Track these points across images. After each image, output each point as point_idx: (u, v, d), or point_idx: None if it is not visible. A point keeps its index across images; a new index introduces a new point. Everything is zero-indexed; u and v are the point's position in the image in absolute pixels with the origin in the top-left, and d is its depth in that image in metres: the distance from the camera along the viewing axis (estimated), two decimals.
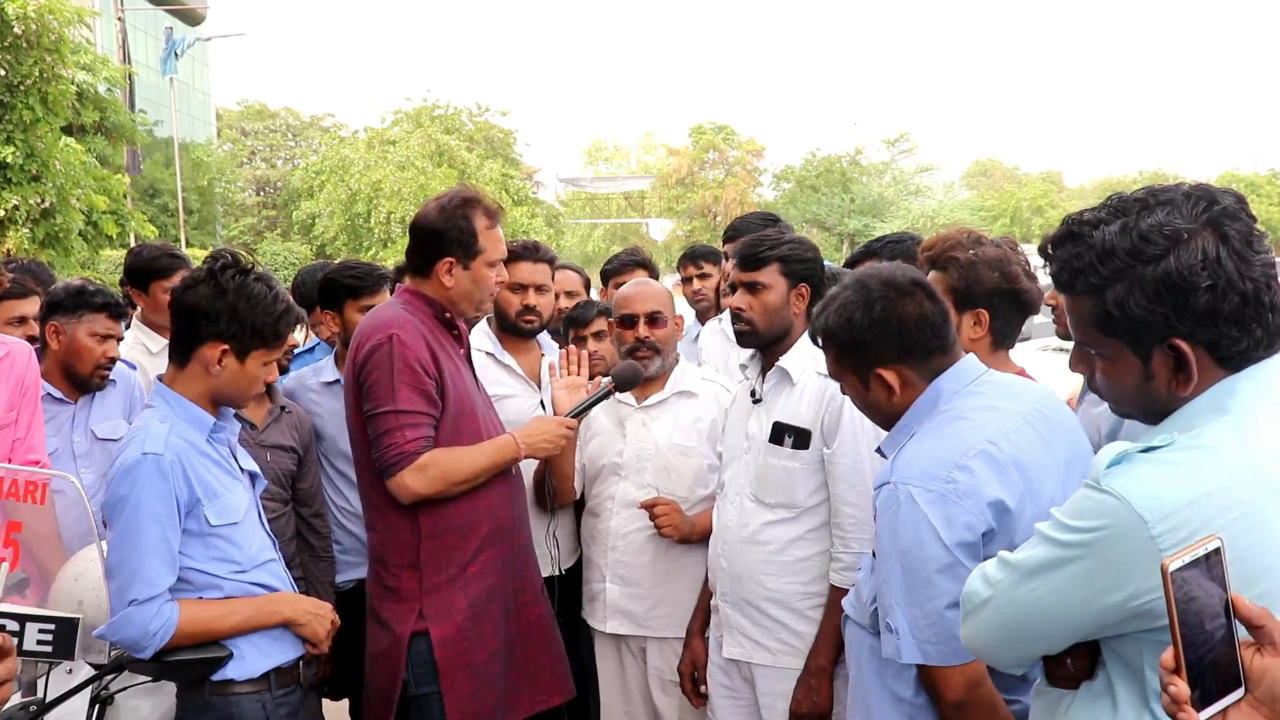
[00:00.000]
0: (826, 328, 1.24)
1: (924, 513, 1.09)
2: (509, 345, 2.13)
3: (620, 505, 1.93)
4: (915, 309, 1.20)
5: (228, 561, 1.42)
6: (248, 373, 1.45)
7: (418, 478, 1.57)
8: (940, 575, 1.08)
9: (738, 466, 1.71)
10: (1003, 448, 1.11)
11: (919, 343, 1.19)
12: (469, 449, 1.63)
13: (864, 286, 1.22)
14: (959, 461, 1.10)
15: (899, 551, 1.11)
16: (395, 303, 1.68)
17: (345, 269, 2.17)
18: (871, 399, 1.24)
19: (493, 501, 1.67)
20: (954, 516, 1.08)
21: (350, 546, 2.13)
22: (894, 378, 1.20)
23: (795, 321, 1.67)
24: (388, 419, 1.56)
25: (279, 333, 1.45)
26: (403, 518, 1.62)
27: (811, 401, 1.60)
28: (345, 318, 2.14)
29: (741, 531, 1.66)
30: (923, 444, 1.15)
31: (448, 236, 1.65)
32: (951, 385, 1.19)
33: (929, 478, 1.09)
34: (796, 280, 1.66)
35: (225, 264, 1.43)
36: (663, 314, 1.94)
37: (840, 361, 1.25)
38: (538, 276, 2.10)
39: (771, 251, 1.67)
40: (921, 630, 1.10)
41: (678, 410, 1.95)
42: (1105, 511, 0.78)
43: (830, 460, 1.57)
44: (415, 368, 1.57)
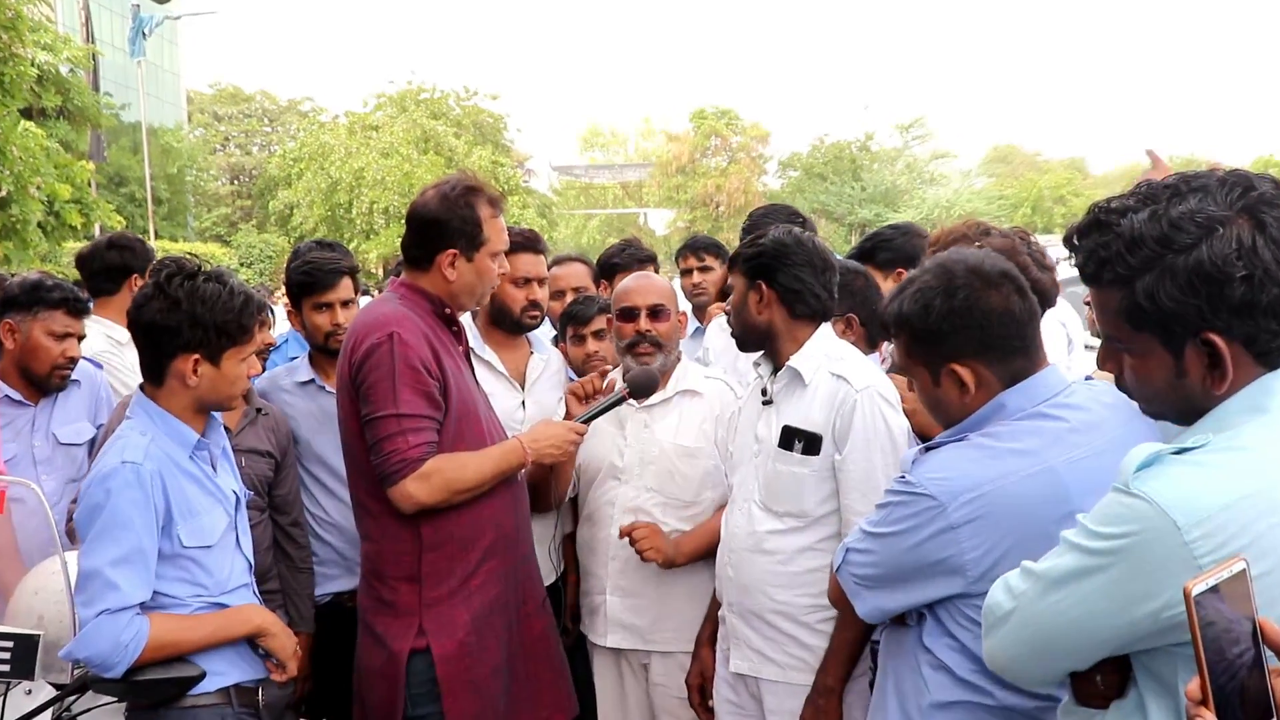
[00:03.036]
0: (900, 313, 1.21)
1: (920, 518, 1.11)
2: (494, 341, 2.13)
3: (621, 512, 1.93)
4: (1001, 302, 1.16)
5: (194, 585, 1.42)
6: (226, 375, 1.46)
7: (421, 486, 1.56)
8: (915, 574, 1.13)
9: (746, 470, 1.72)
10: (1008, 496, 1.08)
11: (1001, 339, 1.16)
12: (474, 455, 1.63)
13: (946, 272, 1.19)
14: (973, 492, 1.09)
15: (886, 535, 1.16)
16: (392, 298, 1.68)
17: (301, 263, 2.15)
18: (941, 397, 1.20)
19: (496, 509, 1.67)
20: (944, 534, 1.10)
21: (327, 558, 2.12)
22: (969, 375, 1.17)
23: (769, 321, 1.65)
24: (388, 423, 1.56)
25: (244, 326, 1.46)
26: (402, 527, 1.61)
27: (823, 404, 1.59)
28: (305, 315, 2.13)
29: (749, 539, 1.66)
30: (961, 452, 1.14)
31: (450, 226, 1.64)
32: (1018, 401, 1.15)
33: (948, 493, 1.10)
34: (752, 277, 1.66)
35: (170, 273, 1.43)
36: (665, 307, 1.95)
37: (911, 352, 1.22)
38: (540, 269, 2.11)
39: (739, 253, 1.70)
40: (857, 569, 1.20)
41: (681, 410, 1.95)
42: (1135, 516, 0.77)
43: (841, 467, 1.57)
44: (417, 368, 1.57)
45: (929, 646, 1.18)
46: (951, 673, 1.14)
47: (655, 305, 1.93)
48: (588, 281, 2.63)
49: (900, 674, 1.22)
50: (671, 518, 1.90)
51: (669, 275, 2.84)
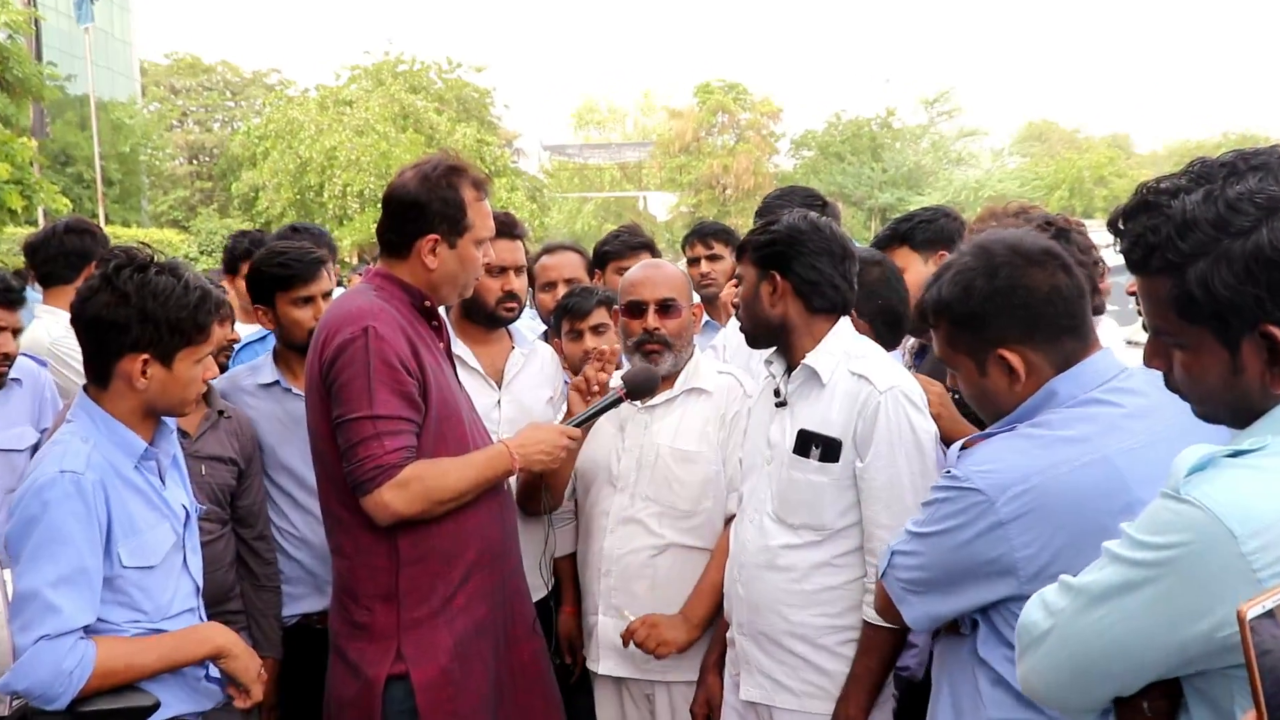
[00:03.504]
0: (939, 299, 1.22)
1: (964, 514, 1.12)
2: (468, 335, 2.13)
3: (615, 522, 1.94)
4: (1046, 279, 1.17)
5: (131, 609, 1.41)
6: (179, 377, 1.45)
7: (399, 495, 1.56)
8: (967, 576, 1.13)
9: (757, 479, 1.72)
10: (1060, 487, 1.09)
11: (1048, 319, 1.17)
12: (456, 461, 1.63)
13: (986, 251, 1.20)
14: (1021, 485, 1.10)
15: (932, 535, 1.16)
16: (366, 289, 1.68)
17: (272, 254, 2.14)
18: (989, 387, 1.21)
19: (481, 520, 1.68)
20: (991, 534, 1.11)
21: (294, 576, 2.12)
22: (1018, 360, 1.17)
23: (782, 315, 1.66)
24: (363, 426, 1.55)
25: (200, 324, 1.45)
26: (378, 541, 1.61)
27: (843, 406, 1.59)
28: (279, 313, 2.12)
29: (760, 555, 1.66)
30: (1009, 443, 1.14)
31: (431, 210, 1.64)
32: (1069, 388, 1.16)
33: (995, 486, 1.10)
34: (763, 267, 1.65)
35: (119, 264, 1.41)
36: (677, 302, 1.94)
37: (953, 340, 1.22)
38: (517, 257, 2.10)
39: (746, 240, 1.69)
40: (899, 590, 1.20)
41: (685, 411, 1.95)
42: (1187, 524, 0.77)
43: (863, 475, 1.56)
44: (394, 365, 1.57)
45: (985, 658, 1.18)
46: (1010, 688, 1.14)
47: (665, 300, 1.93)
48: (581, 272, 2.62)
49: (956, 687, 1.23)
50: (669, 529, 1.91)
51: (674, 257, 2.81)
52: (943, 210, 2.25)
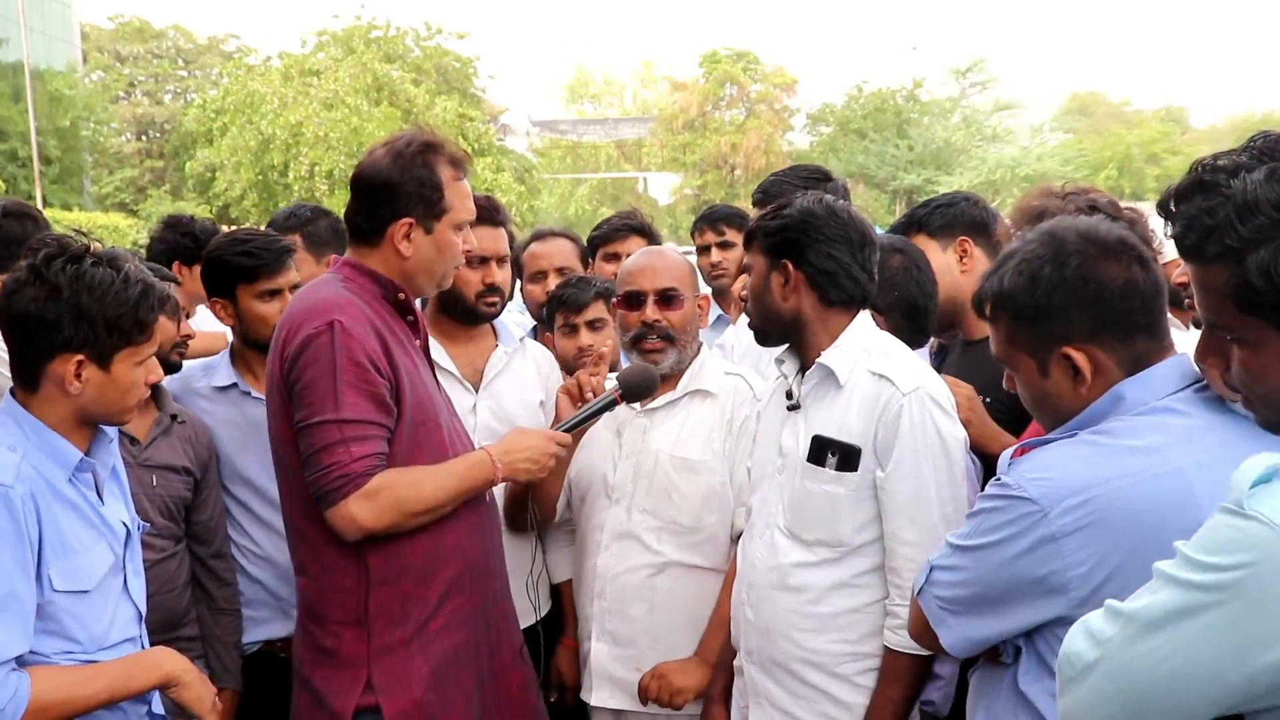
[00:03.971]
0: (1000, 290, 1.21)
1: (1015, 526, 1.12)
2: (445, 332, 2.13)
3: (610, 538, 1.94)
4: (1121, 273, 1.17)
5: (63, 639, 1.40)
6: (118, 381, 1.44)
7: (367, 507, 1.56)
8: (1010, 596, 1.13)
9: (768, 490, 1.72)
10: (1124, 501, 1.09)
11: (1121, 317, 1.17)
12: (431, 469, 1.63)
13: (1055, 239, 1.20)
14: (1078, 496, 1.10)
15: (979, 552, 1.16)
16: (333, 280, 1.68)
17: (234, 242, 2.13)
18: (1051, 389, 1.21)
19: (461, 535, 1.68)
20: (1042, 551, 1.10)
21: (254, 598, 2.13)
22: (1084, 361, 1.17)
23: (796, 309, 1.66)
24: (327, 431, 1.56)
25: (142, 321, 1.44)
26: (345, 558, 1.62)
27: (862, 410, 1.59)
28: (241, 307, 2.12)
29: (771, 574, 1.66)
30: (1069, 449, 1.14)
31: (404, 191, 1.64)
32: (1139, 393, 1.16)
33: (1050, 496, 1.10)
34: (774, 256, 1.65)
35: (50, 254, 1.40)
36: (679, 292, 1.94)
37: (1014, 337, 1.22)
38: (500, 245, 2.10)
39: (756, 225, 1.69)
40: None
41: (688, 415, 1.96)
42: (1252, 542, 0.77)
43: (884, 486, 1.57)
44: (363, 364, 1.57)
45: (1025, 692, 1.18)
46: None
47: (666, 289, 1.92)
48: (574, 261, 2.61)
49: None
50: (669, 546, 1.91)
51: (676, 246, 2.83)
52: (962, 194, 2.26)
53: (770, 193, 2.33)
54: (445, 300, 2.10)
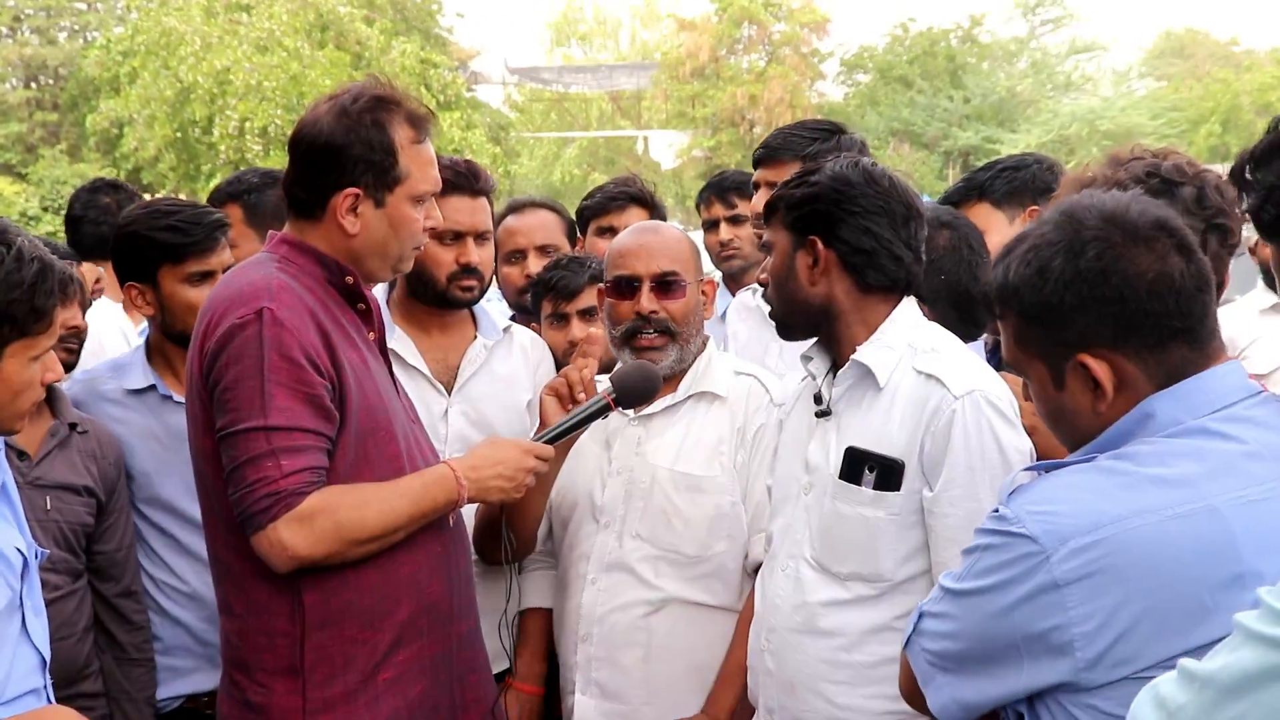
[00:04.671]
0: (1005, 282, 1.21)
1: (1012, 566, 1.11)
2: (414, 320, 2.14)
3: (598, 569, 1.94)
4: (1153, 265, 1.15)
5: None
6: (8, 381, 1.44)
7: (300, 532, 1.56)
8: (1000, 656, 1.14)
9: (792, 514, 1.72)
10: (1141, 544, 1.08)
11: (1151, 318, 1.15)
12: (381, 487, 1.64)
13: (1072, 222, 1.18)
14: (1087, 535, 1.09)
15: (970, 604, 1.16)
16: (266, 260, 1.68)
17: (156, 214, 2.14)
18: (1067, 404, 1.21)
19: (418, 568, 1.68)
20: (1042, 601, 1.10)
21: (175, 643, 2.13)
22: (1105, 371, 1.16)
23: (826, 295, 1.66)
24: (253, 441, 1.56)
25: (38, 309, 1.45)
26: (276, 595, 1.62)
27: (906, 416, 1.60)
28: (163, 293, 2.12)
29: (796, 615, 1.66)
30: (1081, 478, 1.14)
31: (350, 155, 1.65)
32: (1173, 410, 1.15)
33: (1053, 535, 1.10)
34: (801, 233, 1.66)
35: None
36: (680, 277, 1.94)
37: (1023, 339, 1.22)
38: (478, 219, 2.11)
39: (777, 196, 1.69)
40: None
41: (691, 422, 1.96)
42: None
43: (933, 509, 1.57)
44: (297, 360, 1.58)
45: None
46: None
47: (665, 274, 1.93)
48: (559, 237, 2.62)
49: None
50: (668, 579, 1.91)
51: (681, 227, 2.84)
52: (1033, 156, 2.26)
53: (774, 149, 2.35)
54: (414, 282, 2.11)
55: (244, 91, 18.11)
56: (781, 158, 2.29)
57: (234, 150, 18.35)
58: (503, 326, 2.26)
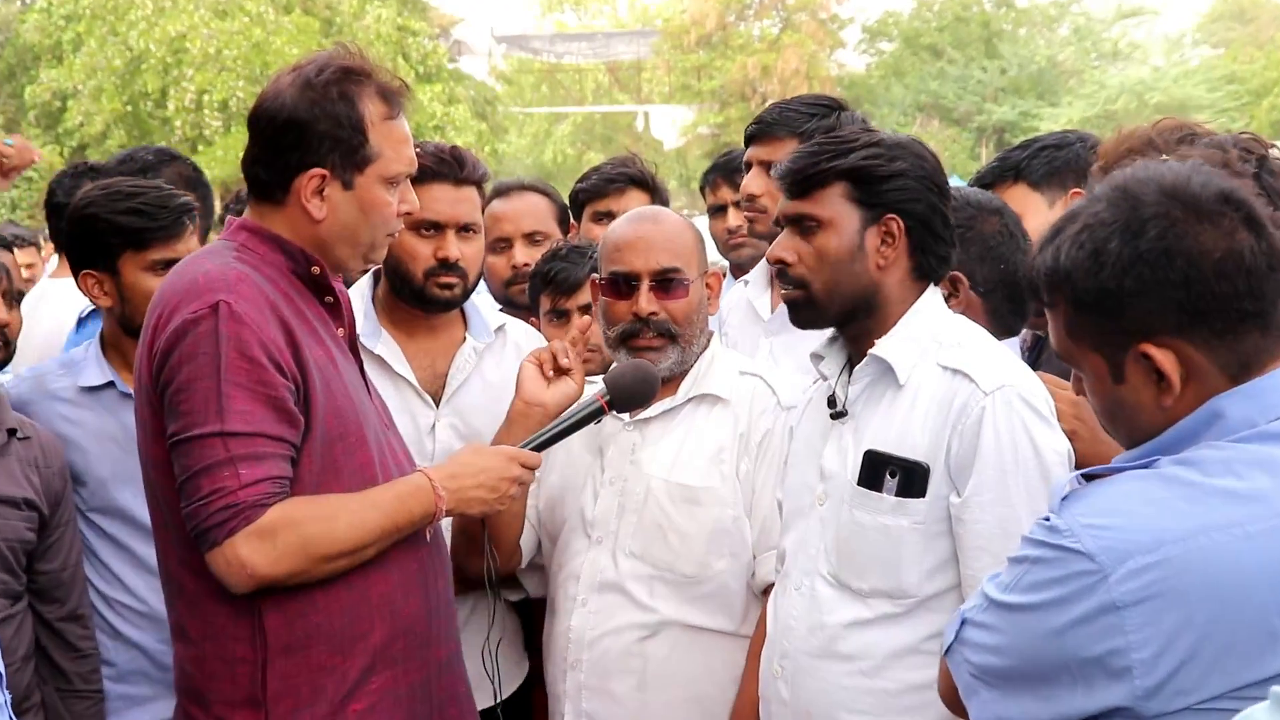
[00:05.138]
0: (1055, 267, 1.21)
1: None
2: (398, 322, 2.15)
3: (589, 589, 1.94)
4: (1220, 243, 1.15)
5: None
6: None
7: (261, 548, 1.56)
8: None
9: (806, 527, 1.72)
10: (1209, 565, 1.08)
11: (1221, 302, 1.14)
12: (350, 499, 1.64)
13: (1129, 197, 1.18)
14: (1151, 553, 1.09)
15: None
16: (224, 248, 1.69)
17: (117, 196, 2.16)
18: (1126, 399, 1.21)
19: (392, 588, 1.69)
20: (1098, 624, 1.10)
21: (131, 669, 2.14)
22: (1171, 362, 1.16)
23: (882, 281, 1.68)
24: (209, 448, 1.56)
25: None
26: (235, 618, 1.62)
27: (931, 415, 1.61)
28: (124, 281, 2.14)
29: (813, 637, 1.67)
30: (1141, 488, 1.14)
31: (315, 133, 1.66)
32: (1245, 410, 1.14)
33: (1111, 552, 1.10)
34: (879, 208, 1.66)
35: None
36: (682, 274, 1.95)
37: (1076, 329, 1.22)
38: (461, 210, 2.12)
39: (834, 162, 1.68)
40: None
41: (690, 428, 1.97)
42: None
43: (961, 516, 1.58)
44: (258, 359, 1.58)
45: None
46: None
47: (665, 270, 1.93)
48: (550, 223, 2.64)
49: None
50: (665, 603, 1.91)
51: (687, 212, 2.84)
52: (1075, 134, 2.27)
53: (770, 125, 2.34)
54: (391, 278, 2.11)
55: (201, 61, 18.06)
56: (777, 134, 2.29)
57: (190, 126, 18.29)
58: (495, 326, 2.26)
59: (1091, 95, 25.94)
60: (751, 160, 2.36)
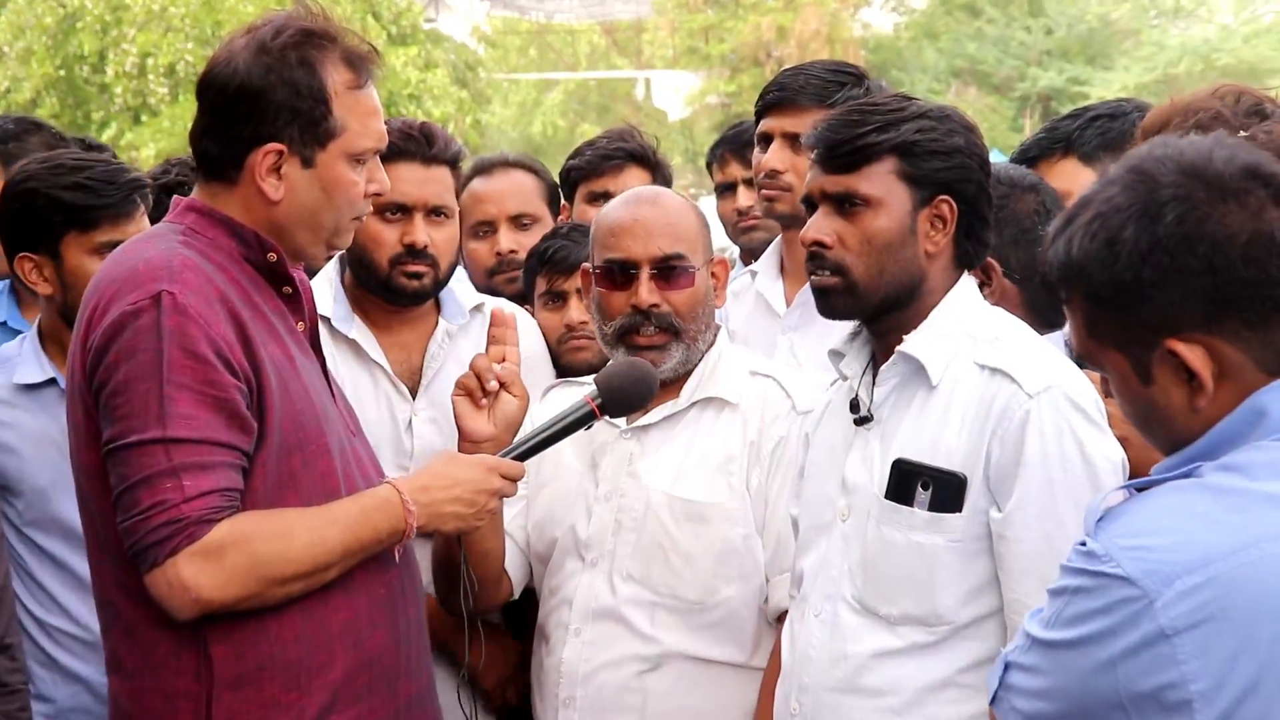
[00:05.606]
0: (1067, 260, 1.22)
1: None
2: (368, 314, 2.17)
3: (582, 617, 1.95)
4: (1247, 223, 1.16)
5: None
6: None
7: (206, 569, 1.56)
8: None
9: (827, 545, 1.73)
10: (1263, 580, 1.09)
11: (1252, 289, 1.16)
12: (308, 514, 1.65)
13: (1144, 178, 1.19)
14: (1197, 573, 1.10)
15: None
16: (169, 231, 1.70)
17: (58, 170, 2.18)
18: (1156, 402, 1.22)
19: (356, 614, 1.69)
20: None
21: (71, 704, 2.17)
22: (1201, 359, 1.17)
23: (929, 269, 1.69)
24: (149, 456, 1.56)
25: None
26: (179, 648, 1.63)
27: (968, 420, 1.62)
28: (66, 266, 2.15)
29: (835, 670, 1.68)
30: (1181, 500, 1.15)
31: (271, 103, 1.66)
32: None
33: (1155, 575, 1.10)
34: (931, 189, 1.68)
35: None
36: (686, 261, 1.96)
37: (1095, 327, 1.24)
38: (429, 191, 2.14)
39: (885, 134, 1.67)
40: None
41: (694, 436, 1.97)
42: None
43: (1003, 533, 1.59)
44: (204, 357, 1.58)
45: None
46: None
47: (667, 257, 1.94)
48: (538, 204, 2.65)
49: None
50: (667, 632, 1.92)
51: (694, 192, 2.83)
52: (1134, 102, 2.30)
53: (793, 92, 2.32)
54: (355, 266, 2.14)
55: (144, 20, 18.04)
56: (800, 102, 2.28)
57: (133, 93, 18.27)
58: (472, 305, 2.27)
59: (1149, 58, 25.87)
60: (771, 132, 2.34)
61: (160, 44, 17.93)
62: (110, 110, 18.64)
